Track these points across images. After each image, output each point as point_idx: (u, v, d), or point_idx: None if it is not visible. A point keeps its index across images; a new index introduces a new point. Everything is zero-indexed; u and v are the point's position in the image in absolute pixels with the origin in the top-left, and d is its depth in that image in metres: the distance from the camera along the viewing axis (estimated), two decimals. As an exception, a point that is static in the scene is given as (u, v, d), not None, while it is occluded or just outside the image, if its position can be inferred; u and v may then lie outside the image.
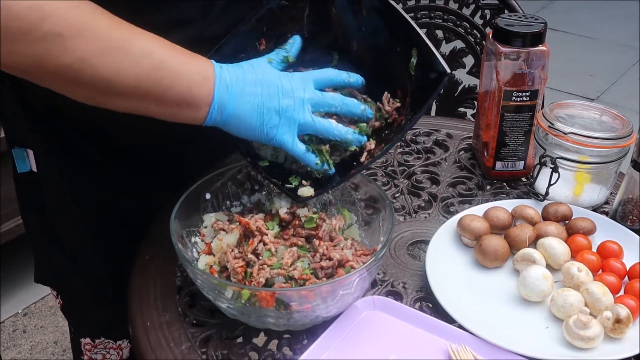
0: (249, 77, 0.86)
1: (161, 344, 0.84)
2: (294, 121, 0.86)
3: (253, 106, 0.85)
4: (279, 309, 0.78)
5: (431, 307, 0.90)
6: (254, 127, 0.85)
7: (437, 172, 1.20)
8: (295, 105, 0.85)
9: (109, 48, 0.77)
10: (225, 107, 0.84)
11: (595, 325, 0.82)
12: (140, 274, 0.96)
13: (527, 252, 0.93)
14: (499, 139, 1.14)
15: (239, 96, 0.84)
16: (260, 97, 0.85)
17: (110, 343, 1.23)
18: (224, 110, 0.84)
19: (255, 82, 0.85)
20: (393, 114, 0.94)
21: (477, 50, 1.59)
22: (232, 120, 0.85)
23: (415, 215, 1.09)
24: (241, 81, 0.85)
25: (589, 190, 1.08)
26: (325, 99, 0.88)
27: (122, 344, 1.23)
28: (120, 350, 1.23)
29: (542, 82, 1.09)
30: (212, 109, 0.83)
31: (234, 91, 0.84)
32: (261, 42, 0.98)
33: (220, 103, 0.83)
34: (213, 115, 0.84)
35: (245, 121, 0.85)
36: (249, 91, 0.85)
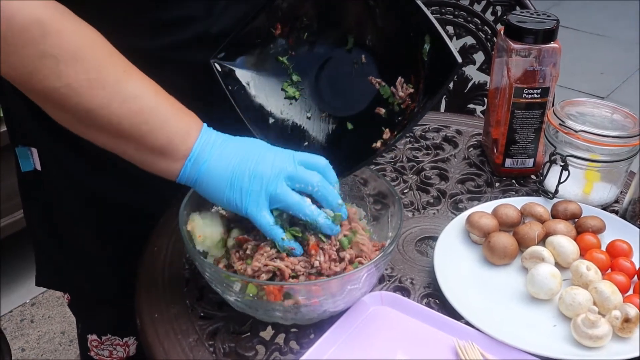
0: (234, 143, 0.84)
1: (169, 336, 0.84)
2: (265, 190, 0.80)
3: (227, 166, 0.81)
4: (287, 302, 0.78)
5: (439, 304, 0.90)
6: (222, 189, 0.81)
7: (446, 168, 1.20)
8: (271, 174, 0.81)
9: (100, 82, 0.76)
10: (201, 164, 0.82)
11: (603, 325, 0.82)
12: (148, 266, 0.96)
13: (536, 249, 0.93)
14: (509, 136, 1.13)
15: (217, 157, 0.82)
16: (237, 159, 0.82)
17: (117, 340, 1.23)
18: (199, 167, 0.82)
19: (238, 147, 0.83)
20: (406, 100, 0.93)
21: (488, 46, 1.58)
22: (204, 178, 0.82)
23: (424, 212, 1.09)
24: (225, 143, 0.83)
25: (599, 188, 1.08)
26: (305, 175, 0.82)
27: (129, 340, 1.23)
28: (127, 347, 1.24)
29: (554, 80, 1.09)
30: (187, 161, 0.81)
31: (214, 151, 0.82)
32: (277, 26, 0.98)
33: (197, 158, 0.82)
34: (187, 169, 0.82)
35: (215, 181, 0.82)
36: (228, 153, 0.82)
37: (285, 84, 1.02)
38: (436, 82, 0.89)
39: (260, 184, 0.80)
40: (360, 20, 0.97)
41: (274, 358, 0.83)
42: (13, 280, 2.23)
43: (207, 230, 0.85)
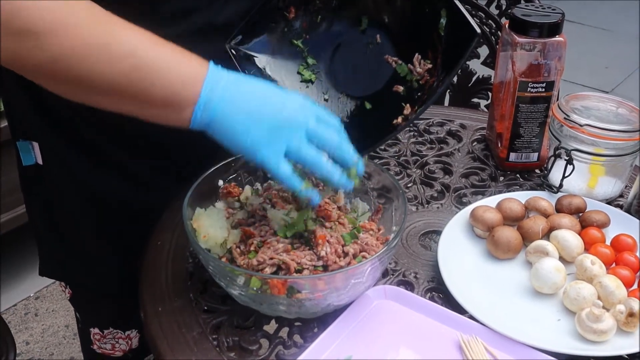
0: (247, 85, 0.81)
1: (172, 329, 0.84)
2: (283, 141, 0.78)
3: (243, 112, 0.78)
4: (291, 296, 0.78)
5: (442, 298, 0.90)
6: (238, 136, 0.78)
7: (450, 162, 1.20)
8: (290, 126, 0.79)
9: (86, 46, 0.73)
10: (212, 108, 0.78)
11: (608, 319, 0.81)
12: (152, 259, 0.96)
13: (540, 244, 0.93)
14: (514, 130, 1.13)
15: (229, 100, 0.78)
16: (253, 104, 0.79)
17: (119, 333, 1.23)
18: (210, 112, 0.78)
19: (253, 91, 0.80)
20: (425, 75, 0.93)
21: (492, 40, 1.58)
22: (217, 124, 0.78)
23: (428, 206, 1.09)
24: (237, 85, 0.80)
25: (604, 183, 1.07)
26: (325, 133, 0.80)
27: (131, 333, 1.24)
28: (130, 340, 1.24)
29: (558, 74, 1.09)
30: (197, 108, 0.77)
31: (226, 94, 0.78)
32: (290, 10, 0.97)
33: (206, 103, 0.77)
34: (198, 116, 0.78)
35: (231, 128, 0.78)
36: (242, 96, 0.79)
37: (300, 67, 1.02)
38: (455, 55, 0.89)
39: (279, 135, 0.78)
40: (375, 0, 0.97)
41: (278, 352, 0.83)
42: (18, 273, 2.23)
43: (211, 230, 0.85)
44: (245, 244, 0.84)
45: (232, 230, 0.87)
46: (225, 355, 0.81)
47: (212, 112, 0.78)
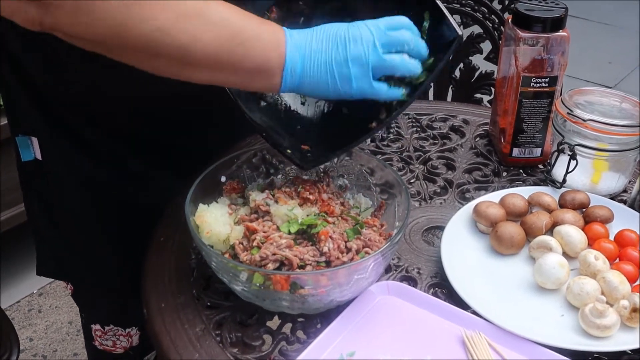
0: (317, 36, 0.83)
1: (175, 325, 0.84)
2: (366, 66, 0.82)
3: (321, 62, 0.82)
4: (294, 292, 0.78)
5: (445, 293, 0.90)
6: (326, 84, 0.82)
7: (453, 158, 1.20)
8: (365, 50, 0.82)
9: (186, 15, 0.75)
10: (296, 69, 0.82)
11: (611, 314, 0.81)
12: (155, 255, 0.96)
13: (544, 239, 0.93)
14: (517, 126, 1.13)
15: (307, 57, 0.82)
16: (327, 52, 0.82)
17: (119, 330, 1.23)
18: (295, 73, 0.82)
19: (322, 39, 0.83)
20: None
21: (495, 35, 1.57)
22: (305, 81, 0.82)
23: (431, 201, 1.09)
24: (310, 41, 0.83)
25: (607, 178, 1.07)
26: (397, 37, 0.84)
27: (132, 331, 1.24)
28: (130, 337, 1.24)
29: (562, 68, 1.08)
30: (285, 72, 0.81)
31: (304, 52, 0.82)
32: (272, 10, 0.97)
33: (292, 66, 0.81)
34: (287, 79, 0.82)
35: (318, 80, 0.82)
36: (317, 49, 0.82)
37: None
38: (436, 58, 0.90)
39: (360, 64, 0.82)
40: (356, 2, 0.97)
41: (281, 348, 0.83)
42: (21, 270, 2.23)
43: (214, 227, 0.85)
44: (248, 240, 0.84)
45: (235, 227, 0.87)
46: (228, 351, 0.81)
47: (297, 75, 0.82)
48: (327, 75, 0.82)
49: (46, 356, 2.00)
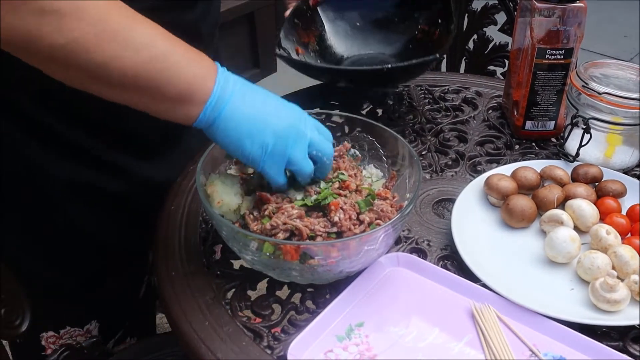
0: (252, 90, 0.80)
1: (185, 294, 0.85)
2: (287, 152, 0.79)
3: (248, 115, 0.78)
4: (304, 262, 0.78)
5: (455, 266, 0.90)
6: (240, 139, 0.78)
7: (465, 130, 1.19)
8: (295, 137, 0.79)
9: (108, 33, 0.71)
10: (221, 108, 0.77)
11: (622, 289, 0.81)
12: (165, 224, 0.96)
13: (555, 213, 0.92)
14: (530, 98, 1.11)
15: (238, 102, 0.78)
16: (259, 110, 0.78)
17: (77, 331, 1.18)
18: (218, 112, 0.77)
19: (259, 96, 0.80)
20: None
21: (510, 6, 1.55)
22: (222, 123, 0.77)
23: (442, 174, 1.08)
24: (245, 88, 0.79)
25: (621, 152, 1.06)
26: (324, 146, 0.82)
27: (90, 326, 1.19)
28: (89, 333, 1.20)
29: (578, 40, 1.07)
30: (207, 105, 0.76)
31: (235, 96, 0.78)
32: None
33: (217, 102, 0.77)
34: (206, 113, 0.77)
35: (234, 129, 0.77)
36: (249, 100, 0.79)
37: None
38: None
39: (284, 144, 0.79)
40: None
41: (290, 317, 0.83)
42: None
43: (226, 197, 0.85)
44: (259, 209, 0.84)
45: (246, 197, 0.87)
46: (237, 319, 0.82)
47: (219, 111, 0.77)
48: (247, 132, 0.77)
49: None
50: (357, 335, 0.80)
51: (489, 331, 0.79)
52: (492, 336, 0.78)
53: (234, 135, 0.78)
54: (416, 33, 1.25)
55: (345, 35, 1.30)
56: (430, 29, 1.24)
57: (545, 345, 0.78)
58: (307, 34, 1.26)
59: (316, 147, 0.81)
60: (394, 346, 0.78)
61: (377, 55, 1.27)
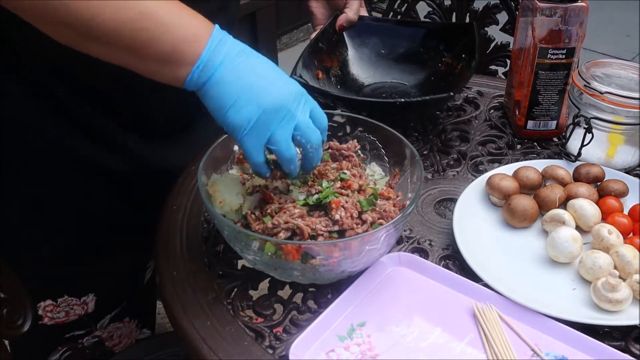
0: (250, 58, 0.78)
1: (187, 293, 0.85)
2: (270, 128, 0.76)
3: (240, 84, 0.75)
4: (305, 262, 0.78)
5: (457, 265, 0.90)
6: (227, 108, 0.75)
7: (467, 130, 1.19)
8: (284, 114, 0.76)
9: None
10: (210, 71, 0.75)
11: (624, 289, 0.81)
12: (167, 224, 0.96)
13: (557, 212, 0.92)
14: (532, 98, 1.11)
15: (229, 66, 0.75)
16: (253, 80, 0.76)
17: (74, 300, 1.18)
18: (207, 73, 0.75)
19: (254, 65, 0.77)
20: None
21: (512, 6, 1.55)
22: (211, 89, 0.76)
23: (444, 173, 1.08)
24: (240, 54, 0.77)
25: (623, 152, 1.06)
26: (310, 132, 0.78)
27: (87, 298, 1.19)
28: (85, 305, 1.19)
29: (580, 40, 1.06)
30: (195, 68, 0.75)
31: (227, 59, 0.76)
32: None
33: (206, 64, 0.75)
34: (194, 76, 0.75)
35: (223, 97, 0.75)
36: (242, 68, 0.76)
37: None
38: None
39: (269, 120, 0.75)
40: None
41: (292, 317, 0.83)
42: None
43: (227, 197, 0.85)
44: (261, 209, 0.84)
45: (248, 197, 0.87)
46: (239, 319, 0.82)
47: (209, 74, 0.75)
48: (233, 102, 0.75)
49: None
50: (359, 335, 0.80)
51: (490, 331, 0.79)
52: (494, 336, 0.78)
53: (218, 102, 0.76)
54: (439, 65, 1.26)
55: (369, 62, 1.31)
56: (453, 62, 1.24)
57: (547, 345, 0.78)
58: (331, 59, 1.27)
59: (301, 131, 0.78)
60: (395, 346, 0.78)
61: (398, 85, 1.27)
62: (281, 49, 3.43)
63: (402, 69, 1.29)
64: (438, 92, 1.13)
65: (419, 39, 1.30)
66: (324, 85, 1.22)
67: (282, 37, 3.49)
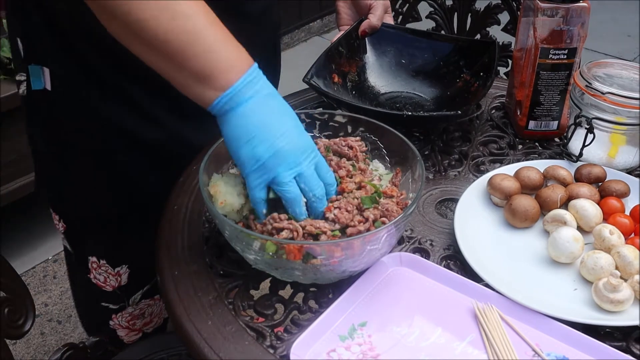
0: (276, 101, 0.82)
1: (188, 293, 0.85)
2: (275, 171, 0.79)
3: (260, 122, 0.79)
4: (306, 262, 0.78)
5: (458, 266, 0.90)
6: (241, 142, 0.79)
7: (469, 130, 1.19)
8: (291, 160, 0.80)
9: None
10: (239, 103, 0.79)
11: (625, 289, 0.81)
12: (168, 223, 0.97)
13: (558, 213, 0.92)
14: (534, 98, 1.11)
15: (255, 103, 0.80)
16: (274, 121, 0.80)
17: (109, 269, 1.24)
18: (235, 105, 0.79)
19: (279, 108, 0.81)
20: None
21: (513, 6, 1.55)
22: (232, 119, 0.80)
23: (445, 173, 1.08)
24: (268, 94, 0.81)
25: (624, 152, 1.06)
26: (313, 182, 0.82)
27: (121, 270, 1.25)
28: (119, 277, 1.25)
29: (581, 40, 1.06)
30: (225, 94, 0.79)
31: (256, 97, 0.80)
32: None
33: (236, 95, 0.79)
34: (222, 102, 0.79)
35: (241, 129, 0.79)
36: (267, 108, 0.80)
37: None
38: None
39: (276, 163, 0.79)
40: None
41: (293, 316, 0.83)
42: (36, 236, 2.26)
43: (229, 197, 0.85)
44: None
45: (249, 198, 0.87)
46: (240, 319, 0.82)
47: (234, 105, 0.79)
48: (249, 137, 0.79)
49: (61, 321, 2.03)
50: (360, 335, 0.80)
51: (491, 331, 0.79)
52: (495, 336, 0.78)
53: (236, 133, 0.80)
54: (457, 81, 1.25)
55: (389, 70, 1.30)
56: (471, 79, 1.24)
57: (548, 345, 0.78)
58: (349, 63, 1.28)
59: (305, 179, 0.81)
60: (396, 346, 0.78)
61: (414, 96, 1.27)
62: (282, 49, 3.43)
63: (420, 81, 1.28)
64: (452, 108, 1.14)
65: (440, 52, 1.29)
66: (339, 90, 1.22)
67: (283, 37, 3.49)
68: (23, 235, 2.25)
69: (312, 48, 3.58)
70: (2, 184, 1.99)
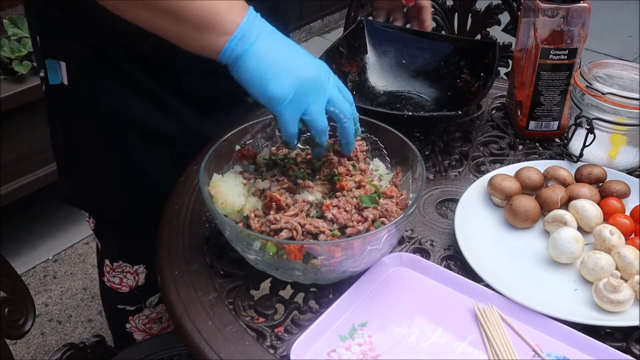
0: (281, 37, 0.81)
1: (189, 292, 0.85)
2: (308, 101, 0.79)
3: (277, 58, 0.78)
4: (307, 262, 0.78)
5: (458, 266, 0.90)
6: (266, 81, 0.78)
7: (469, 130, 1.19)
8: (319, 88, 0.80)
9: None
10: (249, 43, 0.78)
11: (625, 289, 0.81)
12: (168, 223, 0.97)
13: (559, 213, 0.92)
14: (534, 98, 1.11)
15: (266, 41, 0.79)
16: (288, 55, 0.79)
17: (127, 267, 1.24)
18: (245, 45, 0.78)
19: (288, 44, 0.81)
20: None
21: (514, 6, 1.55)
22: (247, 61, 0.78)
23: (446, 174, 1.08)
24: (274, 33, 0.80)
25: (625, 152, 1.06)
26: (342, 104, 0.82)
27: (139, 269, 1.25)
28: (137, 275, 1.25)
29: (582, 41, 1.06)
30: (234, 37, 0.78)
31: (263, 35, 0.79)
32: None
33: (244, 35, 0.78)
34: (232, 45, 0.78)
35: (261, 69, 0.78)
36: (277, 43, 0.80)
37: None
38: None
39: (305, 93, 0.79)
40: None
41: (293, 317, 0.83)
42: (36, 236, 2.26)
43: (229, 197, 0.85)
44: (266, 210, 0.84)
45: (250, 198, 0.87)
46: (240, 319, 0.82)
47: (246, 47, 0.78)
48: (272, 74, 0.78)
49: (61, 321, 2.03)
50: (360, 335, 0.80)
51: (492, 331, 0.79)
52: (495, 336, 0.78)
53: (259, 75, 0.79)
54: (457, 81, 1.26)
55: (389, 70, 1.31)
56: (471, 79, 1.24)
57: (548, 346, 0.78)
58: (350, 63, 1.28)
59: (334, 104, 0.81)
60: (397, 346, 0.78)
61: (414, 96, 1.27)
62: (283, 49, 3.43)
63: (421, 81, 1.29)
64: (452, 108, 1.14)
65: (441, 52, 1.29)
66: None
67: (284, 37, 3.49)
68: (23, 235, 2.25)
69: (312, 48, 3.58)
70: (2, 184, 1.99)
